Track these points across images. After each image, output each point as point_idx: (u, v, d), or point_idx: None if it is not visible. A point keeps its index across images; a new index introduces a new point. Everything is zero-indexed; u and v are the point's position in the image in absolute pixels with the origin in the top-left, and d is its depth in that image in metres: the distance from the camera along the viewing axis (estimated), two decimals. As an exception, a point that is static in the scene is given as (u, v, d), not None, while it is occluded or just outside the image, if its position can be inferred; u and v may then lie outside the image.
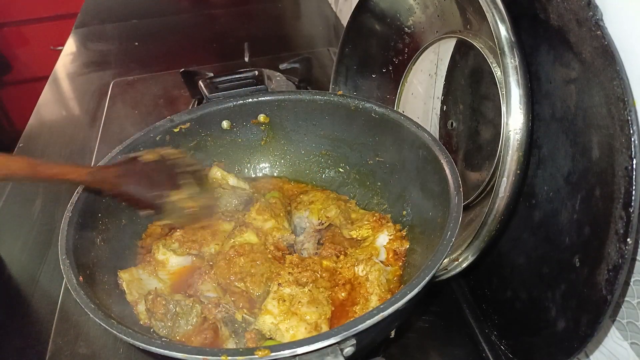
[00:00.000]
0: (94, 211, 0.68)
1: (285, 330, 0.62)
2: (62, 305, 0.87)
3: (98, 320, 0.52)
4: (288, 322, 0.63)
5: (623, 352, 0.61)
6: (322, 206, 0.80)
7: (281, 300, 0.65)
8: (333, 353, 0.47)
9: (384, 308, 0.49)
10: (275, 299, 0.65)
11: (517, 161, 0.61)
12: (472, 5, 0.72)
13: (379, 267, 0.69)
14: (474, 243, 0.68)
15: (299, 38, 1.77)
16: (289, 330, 0.62)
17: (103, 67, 1.63)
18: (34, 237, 1.02)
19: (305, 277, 0.68)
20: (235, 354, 0.47)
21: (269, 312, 0.64)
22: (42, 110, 1.47)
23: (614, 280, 0.51)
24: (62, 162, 0.64)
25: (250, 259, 0.71)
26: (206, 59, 1.61)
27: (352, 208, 0.81)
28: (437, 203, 0.67)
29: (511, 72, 0.61)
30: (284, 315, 0.63)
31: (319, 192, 0.84)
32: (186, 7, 2.04)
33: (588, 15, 0.53)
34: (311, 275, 0.69)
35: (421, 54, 0.89)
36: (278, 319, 0.63)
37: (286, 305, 0.64)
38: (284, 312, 0.64)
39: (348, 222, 0.79)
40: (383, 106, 0.78)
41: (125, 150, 0.74)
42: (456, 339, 0.79)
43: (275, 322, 0.63)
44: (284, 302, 0.64)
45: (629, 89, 0.50)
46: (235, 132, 0.87)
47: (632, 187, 0.48)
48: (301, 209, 0.82)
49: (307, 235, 0.79)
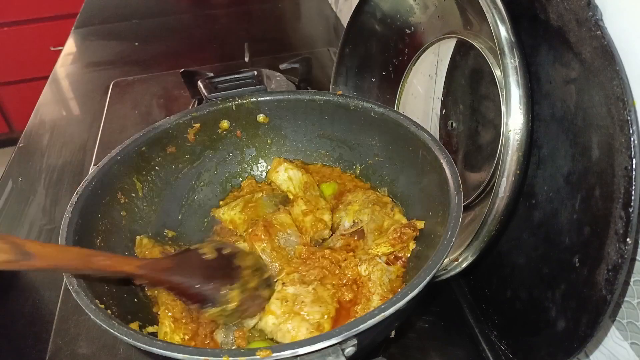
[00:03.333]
0: (94, 212, 0.68)
1: (286, 330, 0.62)
2: (62, 305, 0.87)
3: (99, 322, 0.52)
4: (290, 323, 0.62)
5: (623, 352, 0.61)
6: (358, 208, 0.78)
7: (284, 301, 0.65)
8: (334, 353, 0.47)
9: (385, 308, 0.49)
10: (278, 299, 0.65)
11: (517, 161, 0.61)
12: (472, 5, 0.72)
13: (382, 267, 0.69)
14: (474, 243, 0.68)
15: (299, 38, 1.77)
16: (290, 331, 0.62)
17: (103, 67, 1.63)
18: (34, 238, 1.02)
19: (312, 274, 0.68)
20: (237, 355, 0.47)
21: (272, 313, 0.64)
22: (42, 110, 1.47)
23: (614, 280, 0.51)
24: (114, 255, 0.60)
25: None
26: (206, 59, 1.61)
27: (387, 213, 0.78)
28: (437, 203, 0.67)
29: (511, 72, 0.61)
30: (286, 316, 0.63)
31: (361, 193, 0.82)
32: (186, 7, 2.04)
33: (588, 15, 0.53)
34: (319, 272, 0.69)
35: (421, 55, 0.89)
36: (280, 320, 0.63)
37: (289, 305, 0.64)
38: (287, 312, 0.63)
39: (376, 231, 0.76)
40: (382, 106, 0.78)
41: (126, 150, 0.74)
42: (456, 339, 0.79)
43: (277, 322, 0.63)
44: (286, 303, 0.64)
45: (628, 89, 0.50)
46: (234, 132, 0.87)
47: (632, 187, 0.48)
48: (341, 210, 0.80)
49: (335, 237, 0.78)
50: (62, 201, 1.11)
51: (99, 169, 0.71)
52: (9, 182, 1.17)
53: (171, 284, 0.63)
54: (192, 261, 0.66)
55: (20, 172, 1.21)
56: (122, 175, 0.74)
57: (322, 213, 0.78)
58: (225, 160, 0.88)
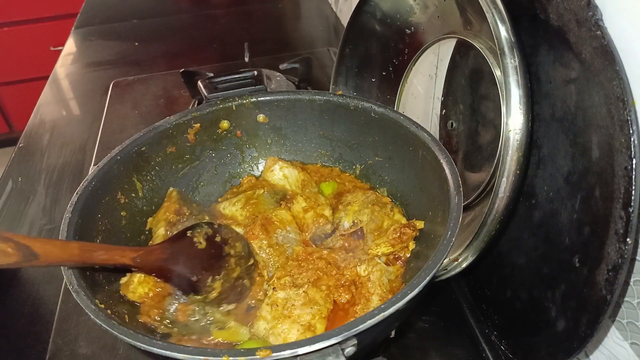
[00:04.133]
0: (94, 212, 0.68)
1: (278, 334, 0.62)
2: (62, 305, 0.87)
3: (99, 322, 0.52)
4: (280, 326, 0.63)
5: (623, 352, 0.61)
6: (358, 208, 0.78)
7: (274, 305, 0.65)
8: (334, 353, 0.47)
9: (385, 308, 0.49)
10: (269, 305, 0.65)
11: (517, 161, 0.61)
12: (472, 5, 0.72)
13: (381, 267, 0.69)
14: (474, 243, 0.68)
15: (299, 38, 1.77)
16: (281, 334, 0.62)
17: (103, 67, 1.63)
18: (34, 237, 1.02)
19: (305, 277, 0.68)
20: (237, 355, 0.47)
21: (263, 318, 0.64)
22: (42, 110, 1.47)
23: (614, 280, 0.51)
24: (111, 247, 0.62)
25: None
26: (206, 59, 1.61)
27: (387, 213, 0.78)
28: (437, 203, 0.67)
29: (511, 72, 0.61)
30: (277, 320, 0.63)
31: (360, 193, 0.82)
32: (186, 7, 2.04)
33: (588, 15, 0.53)
34: (312, 274, 0.69)
35: (421, 55, 0.89)
36: (271, 324, 0.63)
37: (279, 310, 0.64)
38: (277, 317, 0.64)
39: (376, 231, 0.76)
40: (382, 106, 0.78)
41: (126, 150, 0.74)
42: (456, 339, 0.79)
43: (268, 327, 0.63)
44: (276, 307, 0.65)
45: (628, 89, 0.50)
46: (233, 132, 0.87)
47: (632, 187, 0.48)
48: (340, 210, 0.80)
49: (335, 238, 0.78)
50: (62, 201, 1.11)
51: (99, 169, 0.71)
52: (9, 182, 1.17)
53: (163, 273, 0.65)
54: (184, 251, 0.67)
55: (20, 172, 1.21)
56: (122, 175, 0.74)
57: (322, 209, 0.79)
58: (225, 161, 0.88)
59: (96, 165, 0.72)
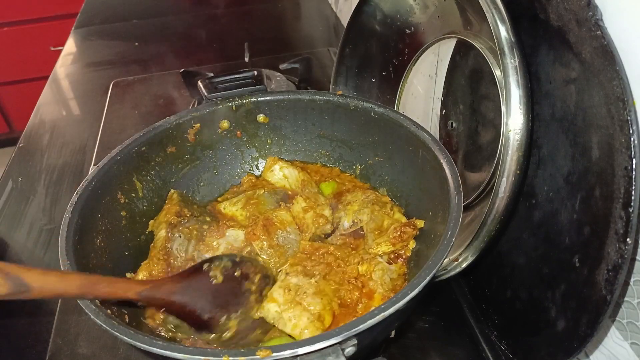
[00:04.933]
0: (94, 212, 0.68)
1: (287, 319, 0.63)
2: (62, 305, 0.87)
3: (99, 322, 0.52)
4: (292, 311, 0.63)
5: (623, 352, 0.61)
6: (358, 208, 0.78)
7: (287, 289, 0.65)
8: (334, 353, 0.47)
9: (385, 308, 0.49)
10: (281, 287, 0.66)
11: (517, 161, 0.61)
12: (472, 5, 0.72)
13: (383, 266, 0.69)
14: (474, 243, 0.68)
15: (299, 38, 1.77)
16: (291, 320, 0.63)
17: (103, 67, 1.63)
18: (34, 237, 1.02)
19: (317, 270, 0.68)
20: (237, 355, 0.47)
21: (274, 300, 0.65)
22: (42, 110, 1.47)
23: (614, 280, 0.51)
24: (115, 280, 0.58)
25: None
26: (206, 59, 1.61)
27: (387, 212, 0.77)
28: (437, 203, 0.67)
29: (511, 72, 0.61)
30: (288, 304, 0.64)
31: (360, 192, 0.82)
32: (186, 7, 2.04)
33: (588, 15, 0.53)
34: (324, 267, 0.69)
35: (421, 55, 0.89)
36: (282, 308, 0.64)
37: (291, 294, 0.65)
38: (289, 301, 0.64)
39: (376, 230, 0.76)
40: (382, 106, 0.78)
41: (126, 150, 0.74)
42: (456, 339, 0.79)
43: (279, 310, 0.64)
44: (289, 292, 0.65)
45: (628, 89, 0.50)
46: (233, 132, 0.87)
47: (632, 187, 0.48)
48: (340, 210, 0.80)
49: (335, 237, 0.78)
50: (62, 201, 1.11)
51: (99, 169, 0.71)
52: (9, 182, 1.17)
53: (172, 309, 0.61)
54: (197, 285, 0.63)
55: (20, 172, 1.21)
56: (122, 175, 0.74)
57: (322, 209, 0.79)
58: (225, 161, 0.88)
59: (96, 165, 0.72)
